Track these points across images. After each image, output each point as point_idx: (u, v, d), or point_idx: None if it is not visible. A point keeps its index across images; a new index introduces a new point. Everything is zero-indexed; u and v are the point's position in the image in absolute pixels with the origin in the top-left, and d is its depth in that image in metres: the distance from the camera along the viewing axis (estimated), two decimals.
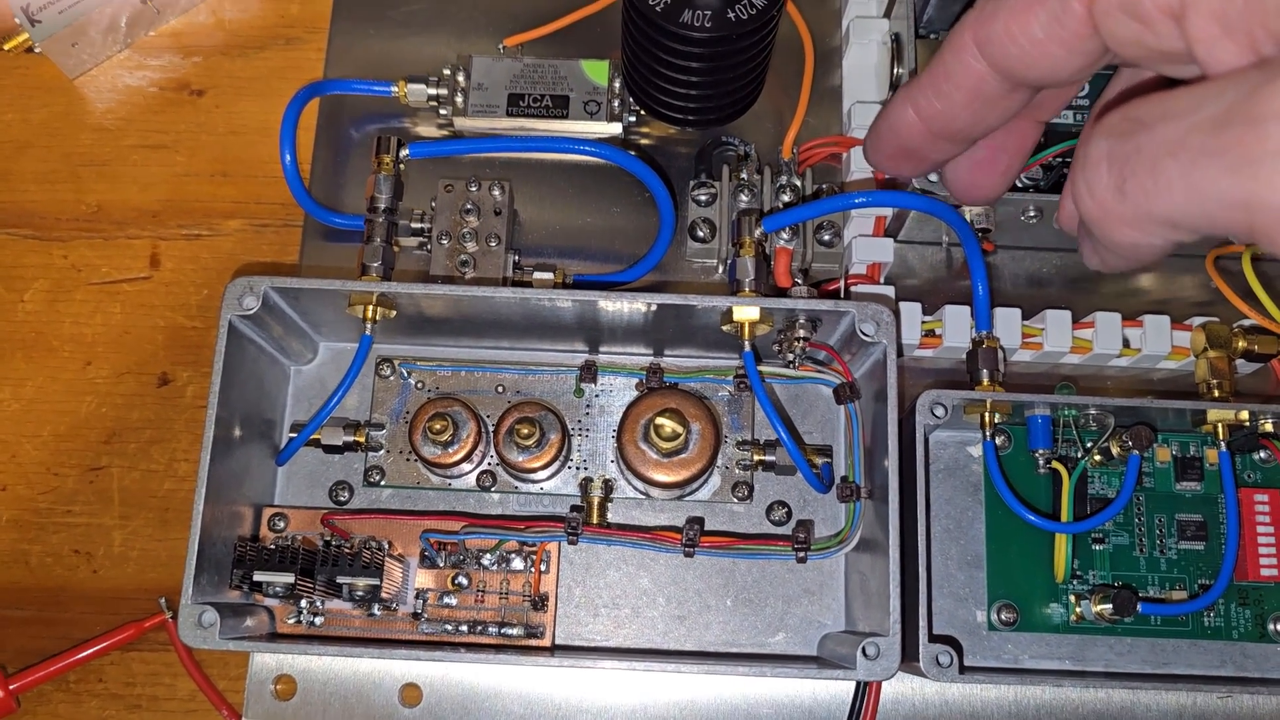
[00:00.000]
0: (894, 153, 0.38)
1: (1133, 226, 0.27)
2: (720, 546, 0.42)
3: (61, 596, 0.47)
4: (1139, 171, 0.26)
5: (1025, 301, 0.46)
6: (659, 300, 0.40)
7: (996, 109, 0.34)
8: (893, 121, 0.36)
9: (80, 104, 0.53)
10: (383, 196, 0.45)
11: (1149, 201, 0.26)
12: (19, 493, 0.48)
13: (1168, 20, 0.27)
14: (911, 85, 0.35)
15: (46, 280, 0.50)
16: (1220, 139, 0.24)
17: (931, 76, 0.34)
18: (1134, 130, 0.27)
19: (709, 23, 0.42)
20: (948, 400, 0.42)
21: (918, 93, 0.35)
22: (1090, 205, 0.28)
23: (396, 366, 0.46)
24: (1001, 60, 0.31)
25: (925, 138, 0.36)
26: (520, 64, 0.50)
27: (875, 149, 0.39)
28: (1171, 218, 0.26)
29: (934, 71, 0.34)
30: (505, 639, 0.43)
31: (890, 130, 0.36)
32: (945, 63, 0.33)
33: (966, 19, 0.32)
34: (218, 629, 0.38)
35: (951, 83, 0.33)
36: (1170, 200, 0.26)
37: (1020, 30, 0.30)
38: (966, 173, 0.40)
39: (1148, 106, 0.27)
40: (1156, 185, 0.26)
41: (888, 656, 0.38)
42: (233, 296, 0.41)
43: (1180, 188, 0.25)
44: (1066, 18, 0.29)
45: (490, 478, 0.45)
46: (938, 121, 0.35)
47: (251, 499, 0.44)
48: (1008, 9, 0.30)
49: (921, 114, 0.35)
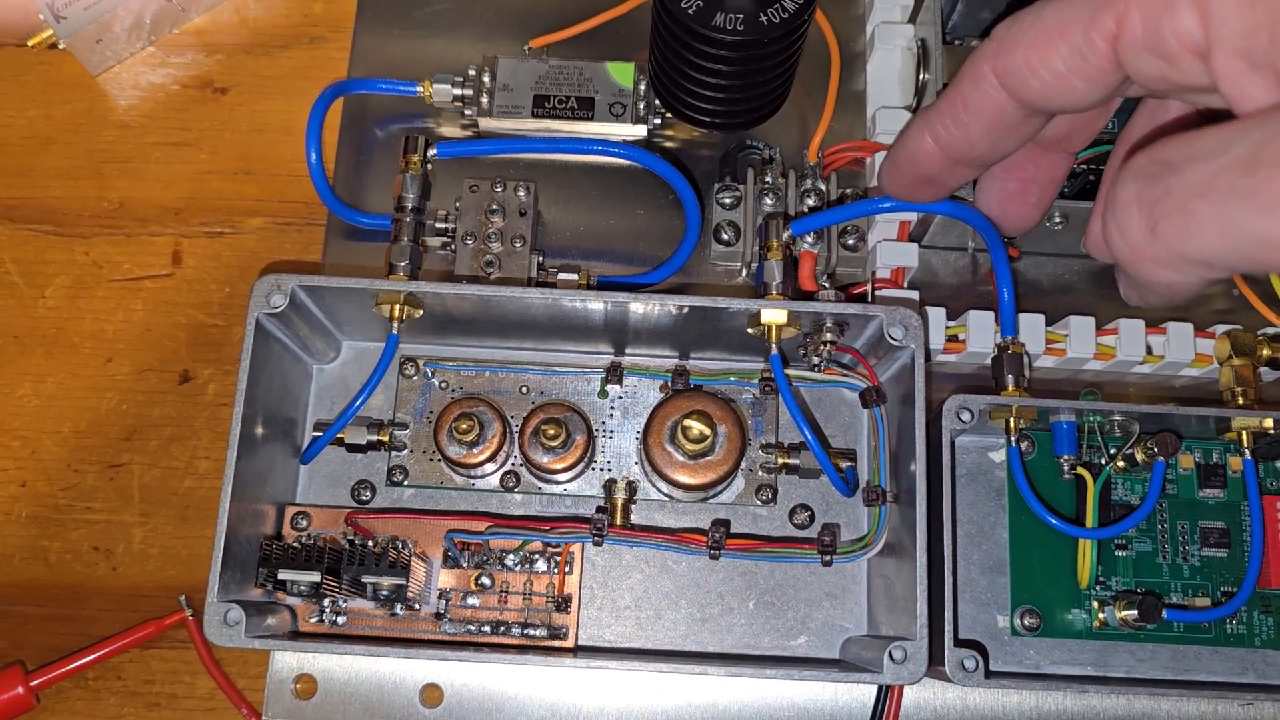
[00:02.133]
0: (912, 181, 0.38)
1: (1167, 267, 0.27)
2: (745, 549, 0.42)
3: (81, 593, 0.46)
4: (1170, 214, 0.26)
5: (1049, 307, 0.46)
6: (690, 302, 0.40)
7: (1015, 135, 0.34)
8: (911, 150, 0.36)
9: (103, 101, 0.53)
10: (410, 196, 0.45)
11: (1182, 243, 0.26)
12: (39, 489, 0.48)
13: (1193, 57, 0.27)
14: (929, 114, 0.35)
15: (68, 276, 0.50)
16: (1251, 179, 0.24)
17: (950, 105, 0.34)
18: (1163, 172, 0.26)
19: (741, 26, 0.42)
20: (974, 405, 0.42)
21: (936, 121, 0.35)
22: (1123, 247, 0.28)
23: (421, 366, 0.46)
24: (1021, 92, 0.31)
25: (944, 165, 0.36)
26: (545, 65, 0.50)
27: (894, 178, 0.39)
28: (1206, 258, 0.26)
29: (952, 100, 0.34)
30: (528, 639, 0.42)
31: (909, 159, 0.36)
32: (964, 92, 0.33)
33: (985, 49, 0.32)
34: (243, 627, 0.38)
35: (970, 112, 0.33)
36: (1204, 242, 0.26)
37: (1041, 63, 0.30)
38: (1000, 205, 0.40)
39: (1175, 148, 0.26)
40: (1189, 227, 0.26)
41: (915, 660, 0.38)
42: (260, 294, 0.41)
43: (1213, 229, 0.25)
44: (1089, 52, 0.29)
45: (514, 478, 0.45)
46: (957, 149, 0.35)
47: (274, 497, 0.44)
48: (1028, 41, 0.30)
49: (940, 142, 0.35)
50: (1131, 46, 0.28)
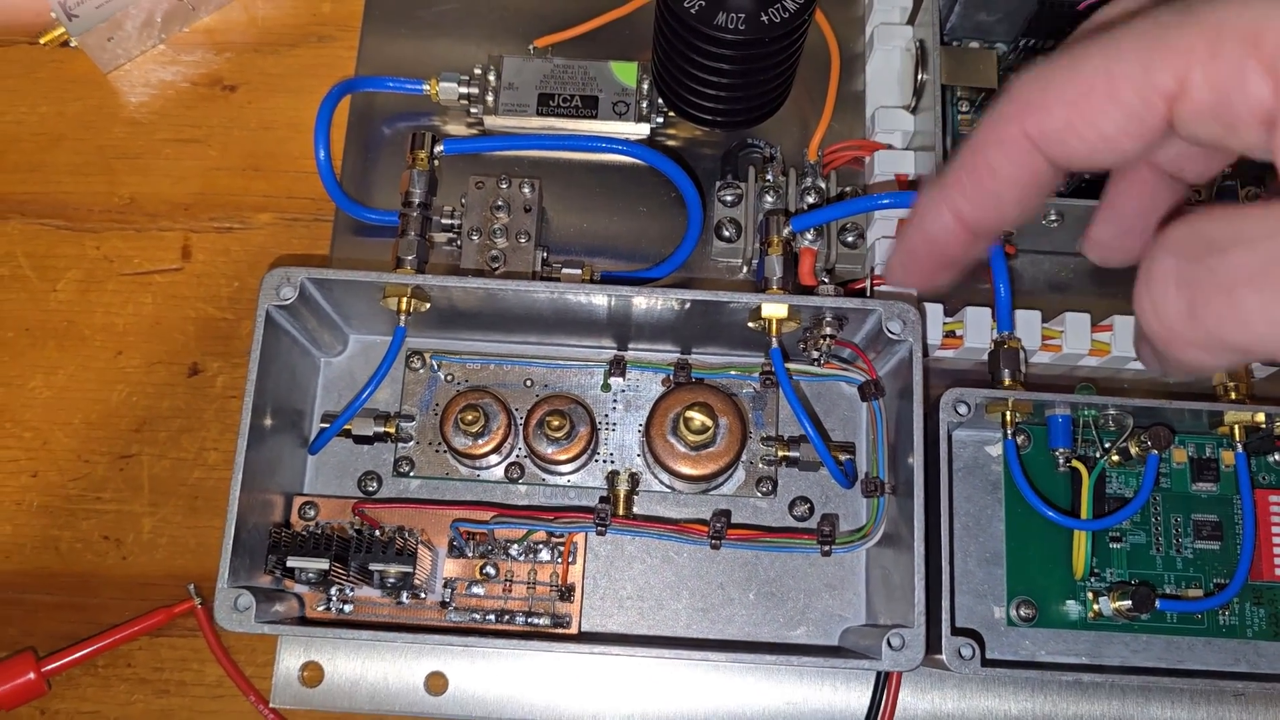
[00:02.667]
0: (932, 266, 0.32)
1: (1203, 350, 0.25)
2: (746, 539, 0.43)
3: (91, 582, 0.47)
4: (1212, 299, 0.24)
5: (1045, 305, 0.47)
6: (693, 296, 0.41)
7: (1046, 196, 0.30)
8: (931, 232, 0.31)
9: (114, 98, 0.54)
10: (417, 191, 0.45)
11: (1222, 330, 0.24)
12: (50, 479, 0.48)
13: (1260, 127, 0.24)
14: (946, 189, 0.30)
15: (79, 270, 0.51)
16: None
17: (973, 175, 0.29)
18: (1205, 252, 0.24)
19: (742, 25, 0.43)
20: (971, 398, 0.42)
21: (957, 195, 0.30)
22: (1156, 326, 0.25)
23: (427, 359, 0.47)
24: (1062, 156, 0.27)
25: (968, 242, 0.31)
26: (550, 64, 0.51)
27: (910, 268, 0.32)
28: (1247, 347, 0.24)
29: (974, 169, 0.29)
30: (532, 628, 0.43)
31: (928, 243, 0.31)
32: (990, 159, 0.29)
33: (1008, 109, 0.28)
34: (253, 612, 0.38)
35: (1000, 179, 0.29)
36: (1248, 332, 0.23)
37: (1087, 125, 0.26)
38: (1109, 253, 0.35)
39: (1220, 226, 0.24)
40: (1233, 315, 0.23)
41: (912, 647, 0.39)
42: (270, 286, 0.41)
43: (1260, 320, 0.23)
44: (1145, 113, 0.25)
45: (518, 469, 0.46)
46: (985, 222, 0.30)
47: (282, 487, 0.44)
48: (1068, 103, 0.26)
49: (964, 217, 0.30)
50: (1193, 110, 0.24)
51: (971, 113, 0.50)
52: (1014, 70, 0.51)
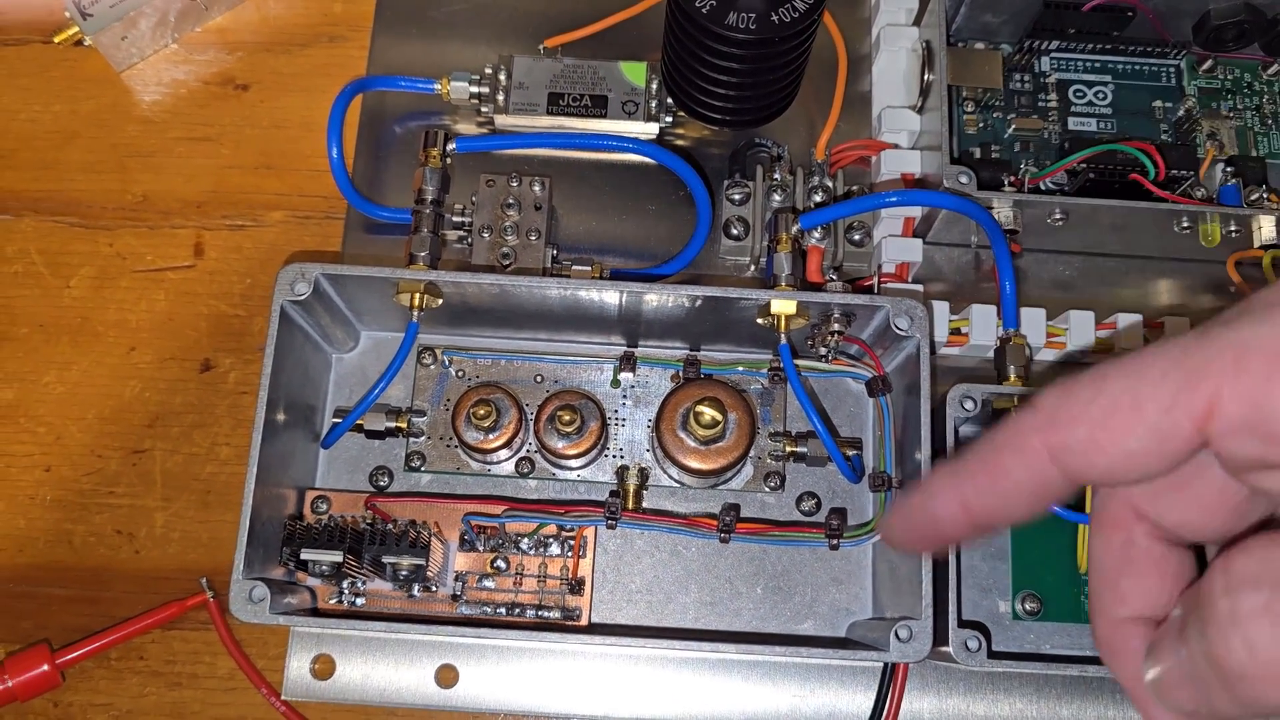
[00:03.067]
0: (926, 541, 0.33)
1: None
2: (755, 532, 0.43)
3: (104, 576, 0.48)
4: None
5: (1049, 303, 0.48)
6: (704, 293, 0.42)
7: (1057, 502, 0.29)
8: (935, 512, 0.31)
9: (127, 96, 0.54)
10: (430, 189, 0.46)
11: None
12: (63, 474, 0.49)
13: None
14: (959, 478, 0.30)
15: (92, 267, 0.52)
16: None
17: (987, 474, 0.29)
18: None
19: (753, 25, 0.44)
20: (977, 394, 0.43)
21: (968, 487, 0.29)
22: (1255, 669, 0.24)
23: (439, 355, 0.47)
24: (1081, 470, 0.27)
25: (968, 530, 0.31)
26: (560, 64, 0.52)
27: (904, 532, 0.32)
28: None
29: (990, 468, 0.29)
30: (542, 620, 0.44)
31: (930, 521, 0.31)
32: (1005, 463, 0.28)
33: (1031, 420, 0.27)
34: (268, 604, 0.39)
35: (1012, 482, 0.28)
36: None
37: (1110, 443, 0.26)
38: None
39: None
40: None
41: (920, 639, 0.39)
42: (285, 282, 0.42)
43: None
44: (1172, 433, 0.25)
45: (528, 464, 0.46)
46: (988, 518, 0.30)
47: (295, 481, 0.45)
48: (1092, 419, 0.26)
49: (970, 509, 0.30)
50: (1227, 427, 0.24)
51: (977, 112, 0.51)
52: (1019, 70, 0.52)
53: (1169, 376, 0.24)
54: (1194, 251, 0.49)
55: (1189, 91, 0.52)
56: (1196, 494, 0.27)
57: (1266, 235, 0.47)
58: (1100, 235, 0.49)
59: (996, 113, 0.51)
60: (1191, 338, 0.24)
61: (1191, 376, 0.24)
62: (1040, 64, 0.52)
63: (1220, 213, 0.47)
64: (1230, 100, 0.52)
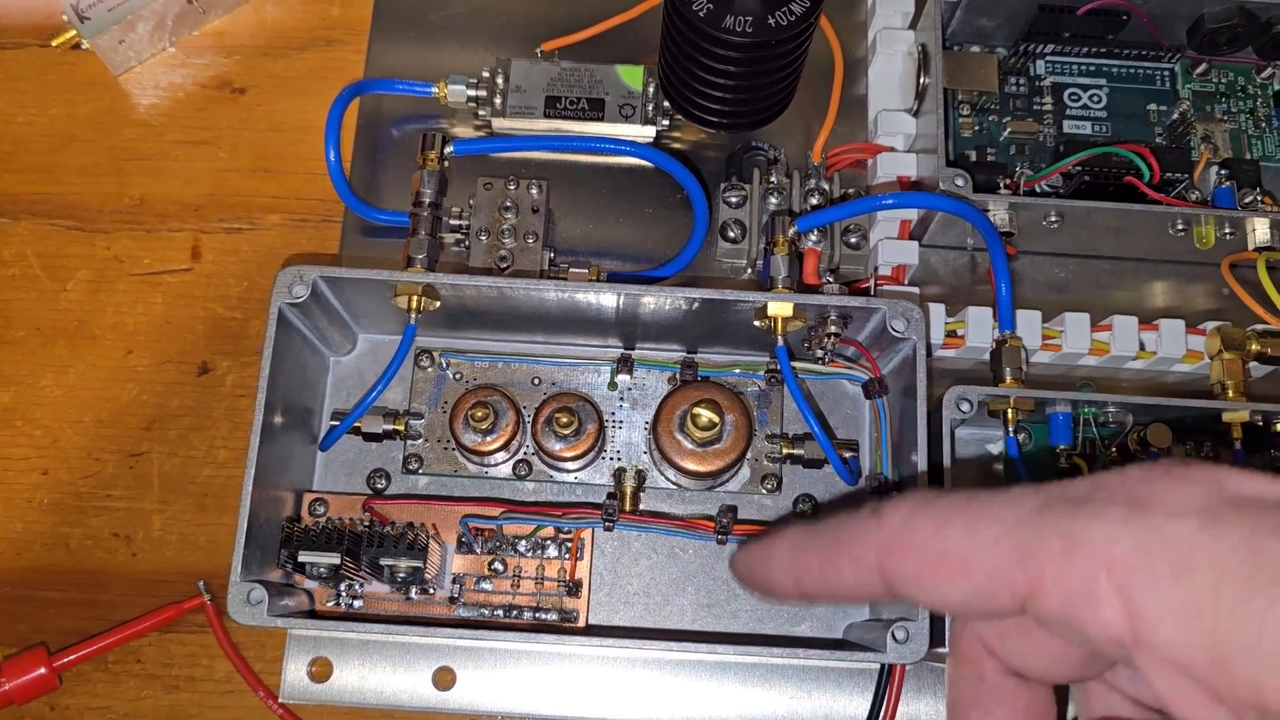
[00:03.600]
0: (760, 591, 0.32)
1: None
2: (752, 534, 0.43)
3: (101, 579, 0.47)
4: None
5: (1045, 305, 0.48)
6: (701, 295, 0.42)
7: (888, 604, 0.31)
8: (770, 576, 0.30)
9: (124, 100, 0.54)
10: (428, 191, 0.46)
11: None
12: (60, 477, 0.49)
13: (1111, 645, 0.23)
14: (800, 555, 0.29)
15: (89, 270, 0.52)
16: None
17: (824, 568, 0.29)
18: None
19: (750, 28, 0.44)
20: (973, 395, 0.43)
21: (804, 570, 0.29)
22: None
23: (436, 358, 0.47)
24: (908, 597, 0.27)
25: (798, 599, 0.31)
26: (557, 68, 0.52)
27: (744, 579, 0.32)
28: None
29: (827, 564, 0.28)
30: (540, 622, 0.44)
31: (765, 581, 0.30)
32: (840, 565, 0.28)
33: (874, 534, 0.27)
34: (266, 606, 0.39)
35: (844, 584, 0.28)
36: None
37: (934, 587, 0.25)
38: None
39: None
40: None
41: (917, 640, 0.39)
42: (283, 284, 0.42)
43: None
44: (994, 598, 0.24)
45: (526, 467, 0.46)
46: (818, 600, 0.32)
47: (292, 484, 0.45)
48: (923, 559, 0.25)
49: (803, 587, 0.30)
50: (1045, 614, 0.24)
51: (972, 116, 0.51)
52: (1015, 73, 0.52)
53: (999, 546, 0.24)
54: (1189, 254, 0.49)
55: (1183, 95, 0.52)
56: (1039, 641, 0.26)
57: (1260, 238, 0.47)
58: (1095, 238, 0.49)
59: (992, 116, 0.51)
60: (1032, 508, 0.24)
61: (1022, 554, 0.23)
62: (1035, 67, 0.52)
63: (1215, 215, 0.47)
64: (1224, 103, 0.52)
